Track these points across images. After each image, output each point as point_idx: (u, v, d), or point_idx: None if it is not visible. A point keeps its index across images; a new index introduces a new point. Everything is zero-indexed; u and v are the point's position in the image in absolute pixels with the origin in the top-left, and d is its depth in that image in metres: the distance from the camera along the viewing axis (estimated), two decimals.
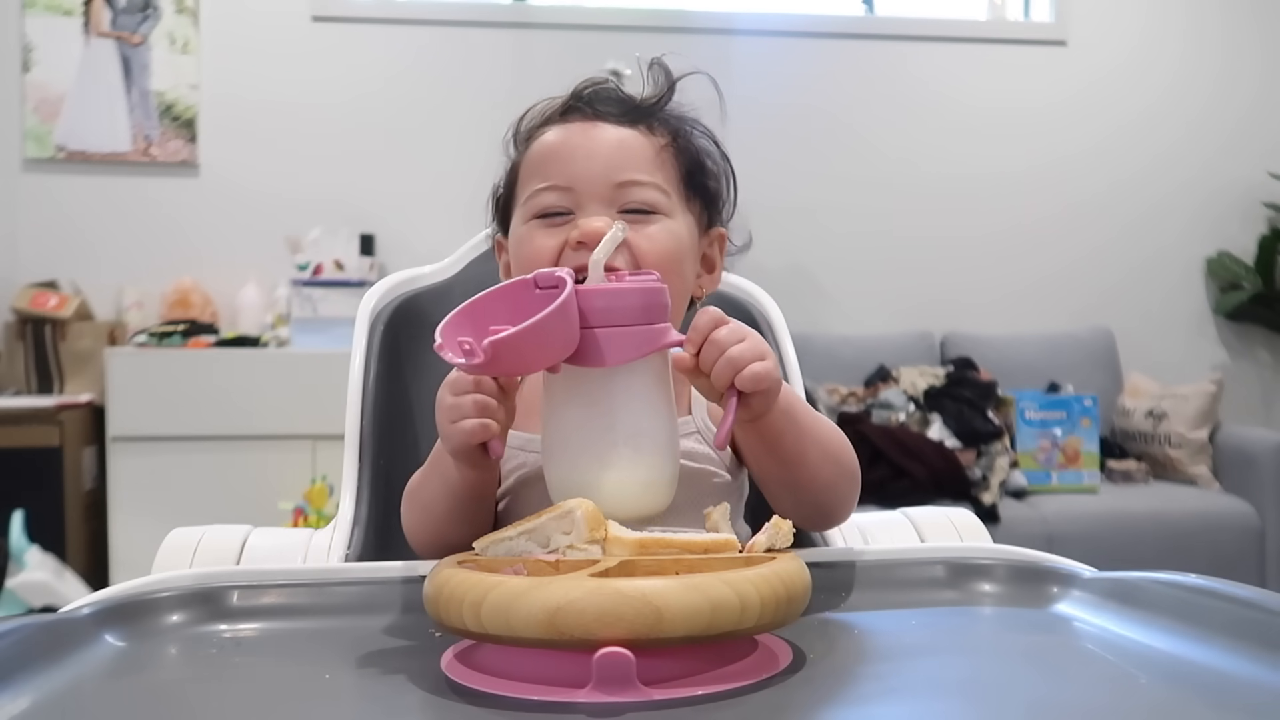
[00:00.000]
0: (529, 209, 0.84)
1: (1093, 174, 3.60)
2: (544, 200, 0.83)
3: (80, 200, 3.22)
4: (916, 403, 3.00)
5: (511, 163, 0.90)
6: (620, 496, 0.67)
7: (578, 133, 0.85)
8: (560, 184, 0.82)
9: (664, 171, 0.85)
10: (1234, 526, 2.84)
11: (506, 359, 0.64)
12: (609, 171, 0.82)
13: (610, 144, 0.84)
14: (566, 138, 0.85)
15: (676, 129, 0.88)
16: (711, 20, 3.47)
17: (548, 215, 0.83)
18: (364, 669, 0.59)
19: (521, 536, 0.62)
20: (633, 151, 0.84)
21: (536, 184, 0.84)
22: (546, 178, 0.83)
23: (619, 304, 0.67)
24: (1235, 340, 3.68)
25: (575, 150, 0.83)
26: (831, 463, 0.80)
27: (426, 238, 3.14)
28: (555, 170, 0.83)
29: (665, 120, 0.87)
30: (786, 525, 0.63)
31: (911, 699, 0.54)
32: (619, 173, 0.82)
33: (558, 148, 0.84)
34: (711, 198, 0.90)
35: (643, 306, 0.67)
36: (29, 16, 3.19)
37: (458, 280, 1.16)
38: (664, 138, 0.86)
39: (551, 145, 0.85)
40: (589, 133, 0.85)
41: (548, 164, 0.84)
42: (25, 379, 3.01)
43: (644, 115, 0.87)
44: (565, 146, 0.84)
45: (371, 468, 1.02)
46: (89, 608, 0.64)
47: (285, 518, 2.69)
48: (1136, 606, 0.64)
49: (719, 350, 0.69)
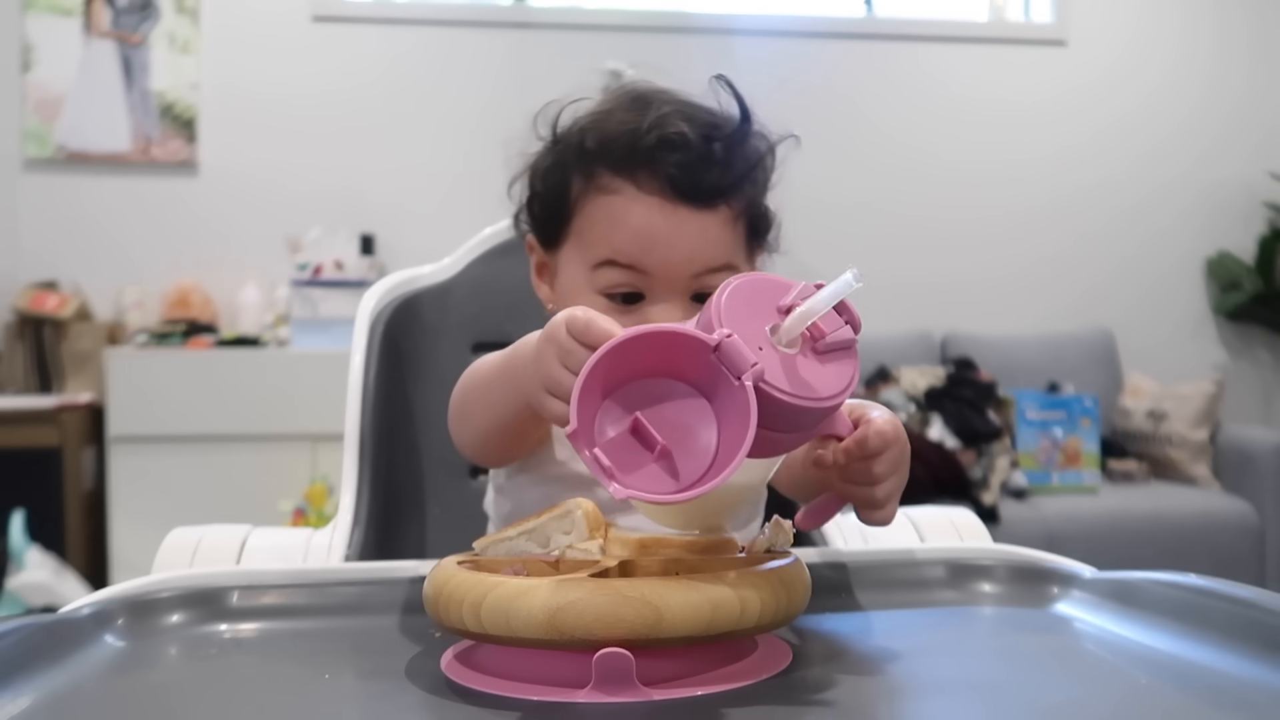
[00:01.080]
0: (595, 281, 0.80)
1: (1093, 174, 3.60)
2: (613, 278, 0.79)
3: (80, 200, 3.22)
4: (917, 403, 3.00)
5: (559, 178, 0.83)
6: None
7: (659, 218, 0.78)
8: (637, 267, 0.78)
9: (736, 242, 0.82)
10: (1234, 526, 2.84)
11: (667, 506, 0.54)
12: (689, 264, 0.78)
13: (695, 235, 0.79)
14: (648, 224, 0.78)
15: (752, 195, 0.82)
16: (711, 20, 3.47)
17: (615, 295, 0.80)
18: (364, 669, 0.59)
19: (521, 536, 0.62)
20: (716, 237, 0.80)
21: (605, 253, 0.79)
22: (620, 254, 0.78)
23: (801, 420, 0.55)
24: (1235, 340, 3.68)
25: (656, 241, 0.78)
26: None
27: (426, 238, 3.14)
28: (632, 252, 0.78)
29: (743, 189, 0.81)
30: (787, 525, 0.63)
31: (911, 699, 0.54)
32: (697, 263, 0.78)
33: (637, 231, 0.78)
34: (768, 228, 0.86)
35: (821, 418, 0.56)
36: (29, 16, 3.19)
37: (458, 280, 1.16)
38: (740, 206, 0.81)
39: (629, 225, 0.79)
40: (672, 220, 0.78)
41: (624, 243, 0.79)
42: (25, 379, 3.01)
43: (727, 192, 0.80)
44: (645, 234, 0.78)
45: (371, 468, 1.02)
46: (89, 608, 0.64)
47: (285, 518, 2.70)
48: (1136, 606, 0.64)
49: (866, 479, 0.65)
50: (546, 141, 0.86)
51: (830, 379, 0.54)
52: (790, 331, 0.54)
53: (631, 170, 0.79)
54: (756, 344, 0.53)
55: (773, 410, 0.52)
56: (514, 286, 0.90)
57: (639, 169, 0.79)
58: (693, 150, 0.78)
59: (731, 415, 0.51)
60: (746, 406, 0.50)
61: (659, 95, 0.82)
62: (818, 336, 0.54)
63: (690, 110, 0.81)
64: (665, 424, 0.52)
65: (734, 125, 0.81)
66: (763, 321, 0.54)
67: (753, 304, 0.54)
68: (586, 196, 0.81)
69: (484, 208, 0.95)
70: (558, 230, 0.84)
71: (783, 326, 0.54)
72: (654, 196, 0.78)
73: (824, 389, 0.54)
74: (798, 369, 0.54)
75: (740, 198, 0.81)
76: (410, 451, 1.09)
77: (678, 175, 0.78)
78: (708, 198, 0.79)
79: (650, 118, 0.79)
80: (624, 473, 0.50)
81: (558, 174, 0.83)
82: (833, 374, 0.54)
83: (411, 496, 1.09)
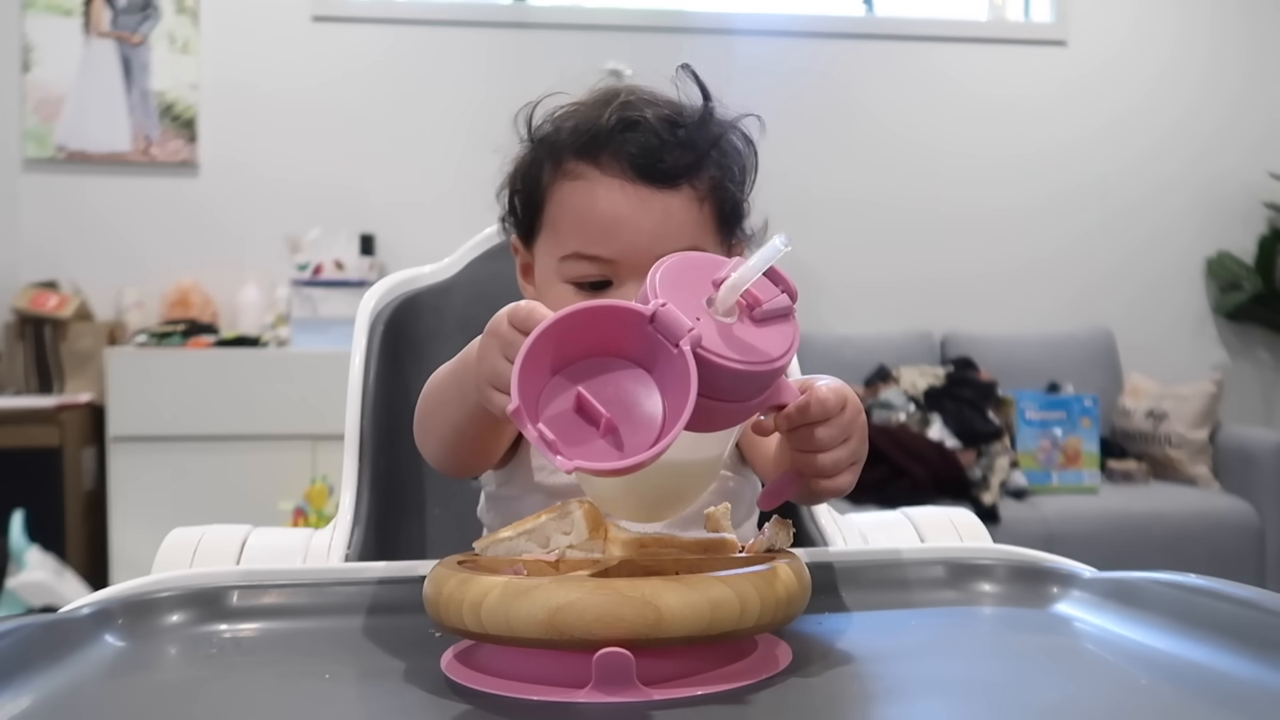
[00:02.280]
0: (563, 272, 0.81)
1: (1092, 174, 3.60)
2: (581, 269, 0.80)
3: (80, 200, 3.22)
4: (916, 403, 3.00)
5: (533, 171, 0.85)
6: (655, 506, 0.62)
7: (623, 201, 0.79)
8: (603, 256, 0.79)
9: (704, 228, 0.82)
10: (1234, 526, 2.84)
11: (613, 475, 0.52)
12: (653, 244, 0.77)
13: (660, 216, 0.80)
14: (612, 207, 0.79)
15: (718, 178, 0.83)
16: (711, 20, 3.47)
17: (584, 284, 0.80)
18: (364, 669, 0.59)
19: (521, 536, 0.61)
20: (678, 222, 0.80)
21: (574, 245, 0.80)
22: (586, 245, 0.80)
23: (743, 386, 0.56)
24: (1235, 340, 3.68)
25: (622, 225, 0.79)
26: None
27: (426, 238, 3.14)
28: (596, 240, 0.79)
29: (708, 167, 0.82)
30: (786, 525, 0.63)
31: (911, 699, 0.54)
32: (663, 244, 0.76)
33: (601, 217, 0.80)
34: (740, 217, 0.86)
35: (765, 384, 0.57)
36: (29, 16, 3.19)
37: (458, 280, 1.16)
38: (705, 187, 0.82)
39: (594, 211, 0.80)
40: (635, 203, 0.79)
41: (589, 230, 0.80)
42: (25, 379, 3.01)
43: (689, 171, 0.81)
44: (611, 219, 0.79)
45: (371, 468, 1.02)
46: (89, 608, 0.64)
47: (285, 518, 2.70)
48: (1136, 606, 0.64)
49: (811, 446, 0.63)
50: (524, 139, 0.87)
51: (769, 344, 0.54)
52: (725, 301, 0.54)
53: (595, 154, 0.81)
54: (693, 314, 0.53)
55: (714, 378, 0.53)
56: (514, 286, 0.90)
57: (601, 152, 0.81)
58: (652, 131, 0.80)
59: (673, 384, 0.52)
60: (686, 372, 0.51)
61: (628, 89, 0.84)
62: (754, 305, 0.55)
63: (653, 98, 0.83)
64: (610, 399, 0.52)
65: (694, 108, 0.83)
66: (698, 294, 0.55)
67: (688, 279, 0.55)
68: (555, 184, 0.83)
69: (484, 207, 0.95)
70: (533, 223, 0.86)
71: (717, 297, 0.54)
72: (615, 178, 0.80)
73: (763, 353, 0.54)
74: (736, 336, 0.54)
75: (703, 179, 0.82)
76: (410, 451, 1.08)
77: (637, 155, 0.80)
78: (668, 177, 0.80)
79: (613, 105, 0.81)
80: (569, 446, 0.50)
81: (533, 168, 0.86)
82: (771, 340, 0.55)
83: (411, 496, 1.09)
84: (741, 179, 0.86)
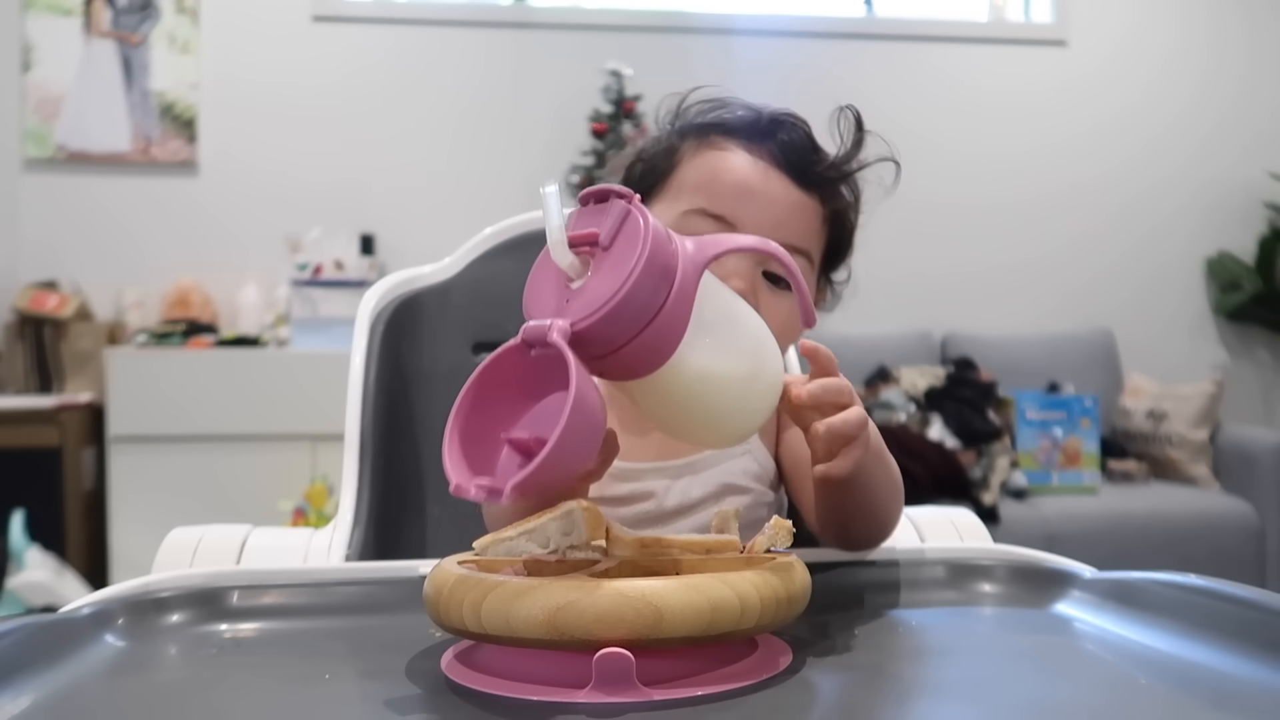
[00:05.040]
0: (679, 226, 0.77)
1: (1091, 173, 3.60)
2: (697, 226, 0.78)
3: (80, 200, 3.22)
4: (917, 403, 3.00)
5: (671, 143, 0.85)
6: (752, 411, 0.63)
7: (760, 176, 0.80)
8: (725, 218, 0.78)
9: (817, 243, 0.83)
10: (1234, 526, 2.84)
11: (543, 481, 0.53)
12: (775, 227, 0.77)
13: (788, 204, 0.80)
14: (749, 176, 0.80)
15: (843, 206, 0.84)
16: (711, 20, 3.47)
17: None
18: (364, 669, 0.59)
19: (521, 536, 0.61)
20: (804, 220, 0.81)
21: (700, 201, 0.79)
22: (711, 202, 0.79)
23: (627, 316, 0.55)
24: (1235, 340, 3.68)
25: (754, 195, 0.79)
26: (895, 490, 0.77)
27: (426, 238, 3.14)
28: (726, 202, 0.79)
29: (841, 194, 0.84)
30: (786, 525, 0.63)
31: (911, 699, 0.54)
32: (782, 231, 0.76)
33: (732, 178, 0.80)
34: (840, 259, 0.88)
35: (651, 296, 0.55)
36: (29, 16, 3.19)
37: (458, 280, 1.16)
38: (830, 209, 0.83)
39: (731, 173, 0.80)
40: (771, 182, 0.80)
41: (714, 190, 0.80)
42: (25, 379, 3.01)
43: (827, 183, 0.83)
44: (744, 184, 0.80)
45: (371, 468, 1.02)
46: (89, 608, 0.64)
47: (285, 518, 2.70)
48: (1136, 606, 0.64)
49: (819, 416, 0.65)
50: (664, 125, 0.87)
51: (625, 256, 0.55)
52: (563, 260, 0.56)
53: (746, 137, 0.82)
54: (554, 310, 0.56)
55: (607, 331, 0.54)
56: (514, 286, 0.90)
57: (753, 138, 0.82)
58: (804, 135, 0.83)
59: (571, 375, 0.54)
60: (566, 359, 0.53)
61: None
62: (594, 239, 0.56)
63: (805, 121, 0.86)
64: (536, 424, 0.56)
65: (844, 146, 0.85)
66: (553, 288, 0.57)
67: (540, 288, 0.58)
68: (695, 152, 0.83)
69: (484, 207, 0.95)
70: (653, 184, 0.85)
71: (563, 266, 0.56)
72: (762, 160, 0.81)
73: (617, 278, 0.54)
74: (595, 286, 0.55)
75: (833, 200, 0.83)
76: (410, 451, 1.09)
77: (787, 147, 0.82)
78: (807, 178, 0.82)
79: (769, 110, 0.84)
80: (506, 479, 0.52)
81: (671, 140, 0.85)
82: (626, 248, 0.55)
83: (411, 496, 1.09)
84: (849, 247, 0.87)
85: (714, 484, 0.82)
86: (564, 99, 3.16)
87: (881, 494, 0.74)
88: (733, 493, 0.83)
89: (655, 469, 0.82)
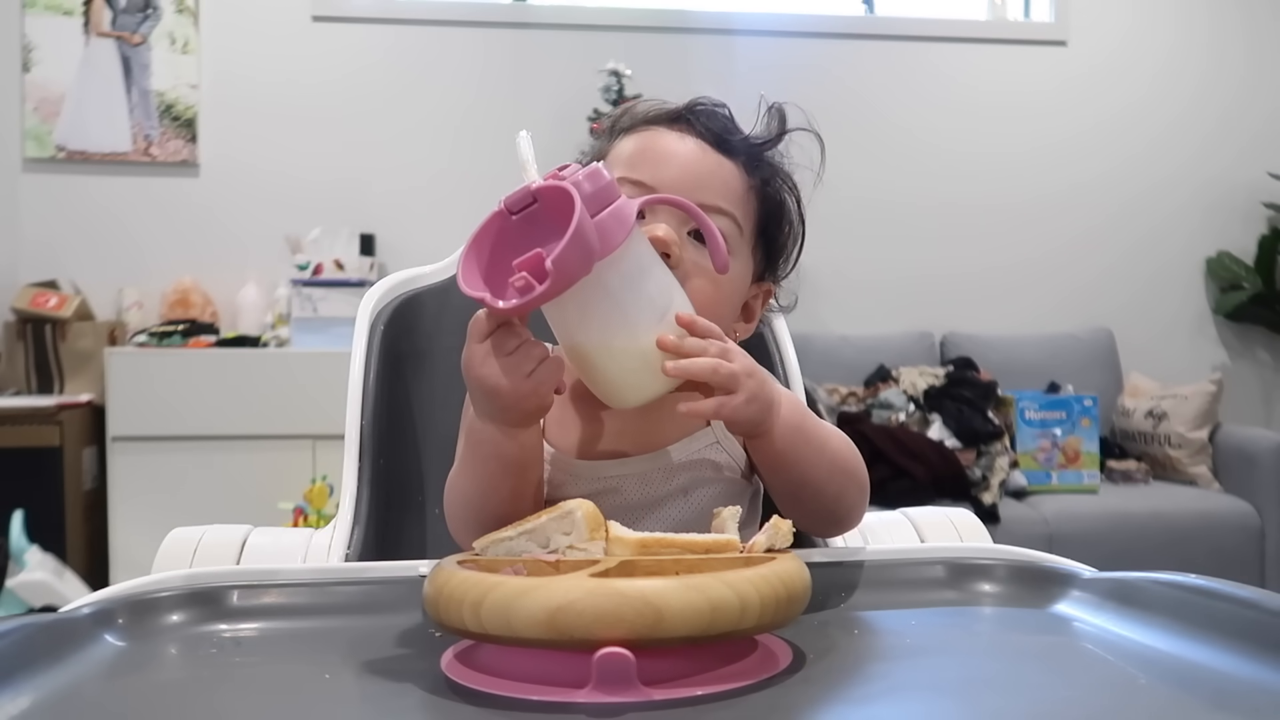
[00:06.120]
0: None
1: (1091, 173, 3.60)
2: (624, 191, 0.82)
3: (80, 200, 3.22)
4: (916, 403, 3.00)
5: (604, 144, 0.89)
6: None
7: (676, 140, 0.84)
8: (644, 182, 0.81)
9: (744, 209, 0.84)
10: (1234, 526, 2.84)
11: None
12: (694, 189, 0.80)
13: (705, 164, 0.83)
14: (665, 143, 0.84)
15: (770, 176, 0.87)
16: (711, 20, 3.47)
17: None
18: (364, 669, 0.58)
19: (521, 536, 0.62)
20: (723, 180, 0.83)
21: (623, 171, 0.82)
22: (632, 171, 0.82)
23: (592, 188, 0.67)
24: (1235, 340, 3.68)
25: (670, 157, 0.83)
26: (840, 474, 0.80)
27: (426, 238, 3.14)
28: (643, 168, 0.82)
29: (763, 164, 0.87)
30: (786, 525, 0.63)
31: (911, 699, 0.54)
32: (702, 193, 0.80)
33: (652, 147, 0.84)
34: (776, 252, 0.89)
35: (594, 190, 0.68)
36: (29, 16, 3.19)
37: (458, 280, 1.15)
38: (756, 179, 0.85)
39: (647, 143, 0.84)
40: (687, 145, 0.84)
41: (637, 160, 0.83)
42: (25, 379, 3.01)
43: (746, 151, 0.85)
44: (660, 149, 0.83)
45: (371, 468, 1.02)
46: (89, 608, 0.63)
47: (285, 518, 2.69)
48: (1136, 606, 0.64)
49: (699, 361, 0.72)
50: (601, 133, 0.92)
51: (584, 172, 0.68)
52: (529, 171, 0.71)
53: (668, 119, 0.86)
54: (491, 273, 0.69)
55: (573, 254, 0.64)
56: None
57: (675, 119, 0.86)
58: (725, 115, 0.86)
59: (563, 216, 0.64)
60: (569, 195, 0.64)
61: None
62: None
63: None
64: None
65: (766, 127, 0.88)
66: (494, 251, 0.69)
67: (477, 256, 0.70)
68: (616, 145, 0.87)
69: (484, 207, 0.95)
70: None
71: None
72: (681, 131, 0.85)
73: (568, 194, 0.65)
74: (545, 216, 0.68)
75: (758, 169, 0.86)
76: (410, 451, 1.09)
77: (705, 117, 0.85)
78: (726, 146, 0.84)
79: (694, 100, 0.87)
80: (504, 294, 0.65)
81: (603, 143, 0.90)
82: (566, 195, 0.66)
83: (411, 496, 1.09)
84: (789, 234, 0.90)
85: (681, 477, 0.82)
86: (564, 99, 3.16)
87: (814, 472, 0.78)
88: (701, 485, 0.82)
89: (618, 463, 0.82)
